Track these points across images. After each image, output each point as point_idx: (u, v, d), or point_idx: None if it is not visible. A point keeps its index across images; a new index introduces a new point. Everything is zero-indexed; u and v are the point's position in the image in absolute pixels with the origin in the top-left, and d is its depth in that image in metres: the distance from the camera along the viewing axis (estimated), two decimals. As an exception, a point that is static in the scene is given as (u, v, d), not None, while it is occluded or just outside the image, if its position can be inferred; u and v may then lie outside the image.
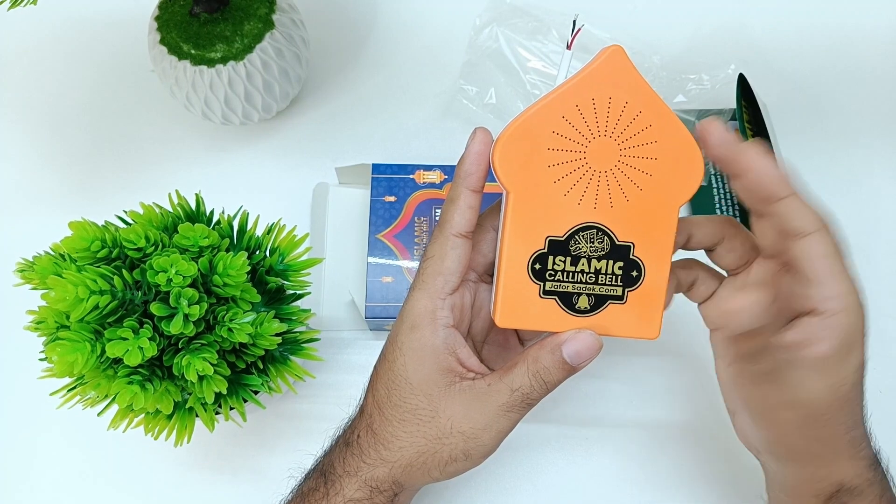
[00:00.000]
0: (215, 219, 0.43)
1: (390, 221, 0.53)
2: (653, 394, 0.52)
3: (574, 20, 0.41)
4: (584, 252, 0.34)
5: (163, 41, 0.52)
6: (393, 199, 0.53)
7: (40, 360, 0.39)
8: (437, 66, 0.61)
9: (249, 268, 0.39)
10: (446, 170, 0.54)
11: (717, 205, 0.56)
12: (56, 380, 0.38)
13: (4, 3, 0.41)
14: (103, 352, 0.36)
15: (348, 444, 0.38)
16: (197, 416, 0.41)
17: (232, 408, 0.43)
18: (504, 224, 0.34)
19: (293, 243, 0.43)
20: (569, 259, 0.34)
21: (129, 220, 0.41)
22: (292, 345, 0.44)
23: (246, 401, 0.42)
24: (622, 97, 0.33)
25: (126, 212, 0.41)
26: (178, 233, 0.39)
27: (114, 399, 0.38)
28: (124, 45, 0.62)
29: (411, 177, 0.54)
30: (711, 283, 0.38)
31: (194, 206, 0.43)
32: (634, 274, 0.35)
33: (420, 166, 0.54)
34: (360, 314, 0.52)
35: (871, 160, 0.59)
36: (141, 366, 0.38)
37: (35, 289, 0.39)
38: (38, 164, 0.60)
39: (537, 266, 0.34)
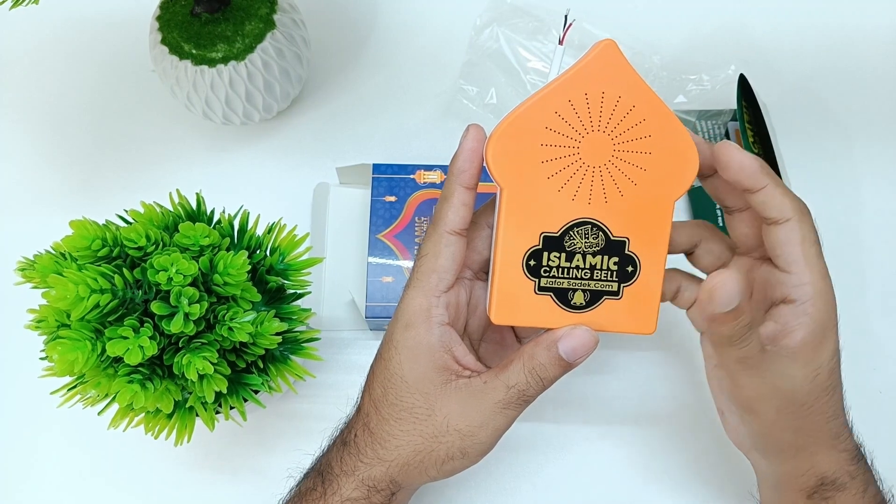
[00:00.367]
0: (216, 218, 0.43)
1: (391, 221, 0.53)
2: (651, 389, 0.52)
3: (566, 15, 0.41)
4: (579, 248, 0.34)
5: (164, 41, 0.52)
6: (393, 199, 0.54)
7: (41, 358, 0.39)
8: (438, 66, 0.61)
9: (250, 267, 0.39)
10: (447, 170, 0.54)
11: (717, 205, 0.56)
12: (56, 379, 0.38)
13: (6, 3, 0.41)
14: (104, 351, 0.36)
15: (345, 444, 0.38)
16: (197, 415, 0.41)
17: (232, 407, 0.43)
18: (498, 221, 0.34)
19: (293, 243, 0.43)
20: (564, 255, 0.34)
21: (130, 220, 0.41)
22: (292, 344, 0.44)
23: (246, 400, 0.42)
24: (615, 92, 0.33)
25: (127, 211, 0.41)
26: (178, 232, 0.39)
27: (114, 398, 0.38)
28: (125, 45, 0.62)
29: (412, 177, 0.54)
30: (694, 288, 0.39)
31: (195, 205, 0.43)
32: (630, 269, 0.35)
33: (420, 166, 0.54)
34: (360, 314, 0.52)
35: (871, 160, 0.59)
36: (141, 365, 0.38)
37: (36, 287, 0.39)
38: (39, 164, 0.60)
39: (532, 262, 0.34)
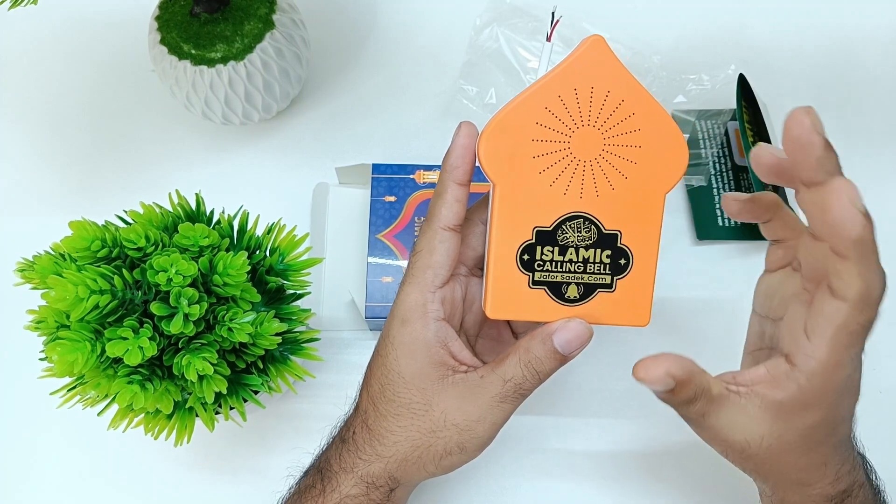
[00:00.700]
0: (215, 218, 0.43)
1: (390, 221, 0.53)
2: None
3: (552, 12, 0.41)
4: (572, 241, 0.35)
5: (163, 41, 0.52)
6: (393, 199, 0.53)
7: (40, 359, 0.39)
8: (437, 66, 0.61)
9: (249, 267, 0.39)
10: (441, 168, 0.54)
11: (717, 205, 0.56)
12: (56, 379, 0.38)
13: (5, 3, 0.41)
14: (103, 351, 0.36)
15: (344, 441, 0.39)
16: (197, 415, 0.41)
17: (232, 407, 0.43)
18: (492, 216, 0.35)
19: (293, 243, 0.43)
20: (557, 249, 0.34)
21: (130, 220, 0.41)
22: (292, 344, 0.44)
23: (246, 400, 0.42)
24: (604, 86, 0.33)
25: (126, 211, 0.41)
26: (178, 232, 0.39)
27: (114, 399, 0.38)
28: (124, 45, 0.62)
29: (411, 177, 0.54)
30: (784, 227, 0.38)
31: (194, 205, 0.43)
32: (622, 262, 0.35)
33: (420, 166, 0.54)
34: (360, 314, 0.52)
35: (871, 160, 0.59)
36: (141, 365, 0.38)
37: (35, 288, 0.39)
38: (39, 164, 0.60)
39: (526, 257, 0.34)
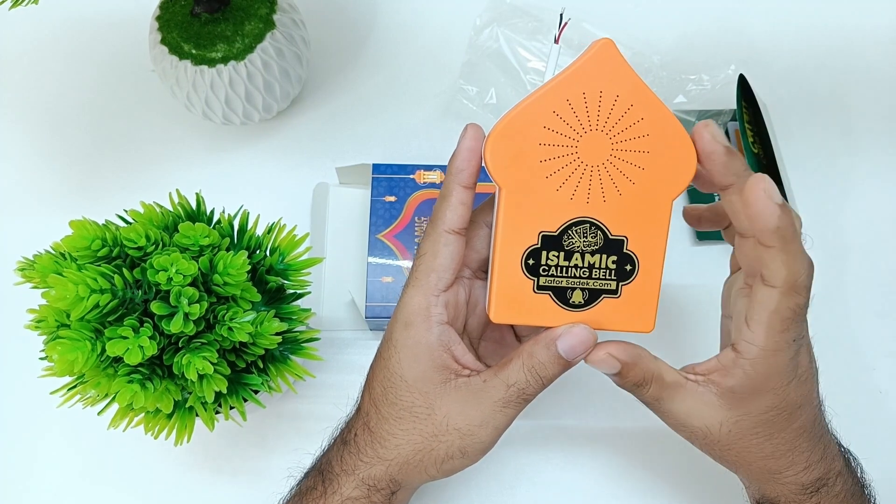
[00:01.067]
0: (216, 218, 0.43)
1: (390, 221, 0.53)
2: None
3: (561, 14, 0.41)
4: (578, 247, 0.34)
5: (164, 41, 0.52)
6: (393, 199, 0.53)
7: (41, 358, 0.39)
8: (437, 66, 0.61)
9: (249, 267, 0.39)
10: (446, 170, 0.54)
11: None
12: (56, 378, 0.38)
13: (5, 3, 0.41)
14: (103, 350, 0.36)
15: (345, 443, 0.38)
16: (197, 415, 0.41)
17: (232, 407, 0.43)
18: (497, 220, 0.34)
19: (293, 243, 0.43)
20: (562, 254, 0.34)
21: (130, 220, 0.41)
22: (292, 344, 0.44)
23: (246, 400, 0.42)
24: (613, 91, 0.33)
25: (127, 211, 0.41)
26: (178, 232, 0.39)
27: (114, 398, 0.38)
28: (125, 45, 0.62)
29: (411, 177, 0.54)
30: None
31: (195, 205, 0.43)
32: (628, 268, 0.35)
33: (420, 166, 0.54)
34: (360, 314, 0.52)
35: (871, 160, 0.59)
36: (141, 365, 0.38)
37: (35, 287, 0.39)
38: (39, 164, 0.60)
39: (531, 261, 0.34)
